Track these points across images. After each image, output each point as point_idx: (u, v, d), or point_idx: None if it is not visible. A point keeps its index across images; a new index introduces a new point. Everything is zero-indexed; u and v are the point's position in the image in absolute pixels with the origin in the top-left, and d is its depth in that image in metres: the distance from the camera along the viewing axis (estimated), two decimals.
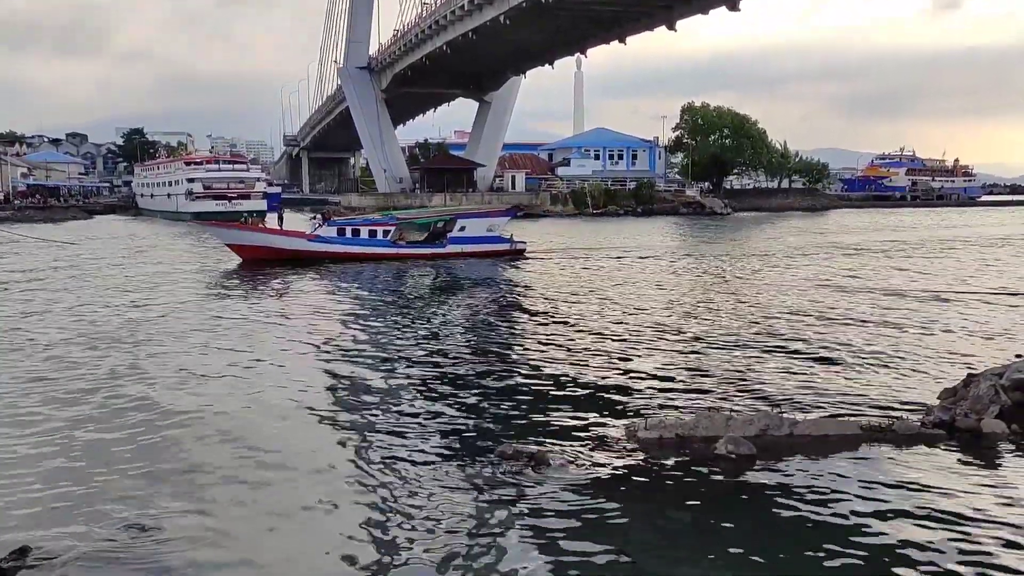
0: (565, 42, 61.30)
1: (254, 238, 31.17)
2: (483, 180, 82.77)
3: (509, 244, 33.04)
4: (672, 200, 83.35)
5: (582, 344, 14.56)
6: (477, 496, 7.30)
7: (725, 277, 25.40)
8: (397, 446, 8.80)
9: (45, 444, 8.85)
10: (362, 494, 7.44)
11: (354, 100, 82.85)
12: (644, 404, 10.40)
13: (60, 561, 6.09)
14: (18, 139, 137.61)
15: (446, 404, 10.54)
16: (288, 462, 8.35)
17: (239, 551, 6.39)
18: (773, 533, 6.63)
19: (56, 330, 15.86)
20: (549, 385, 11.59)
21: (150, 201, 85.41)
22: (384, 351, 14.22)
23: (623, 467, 8.02)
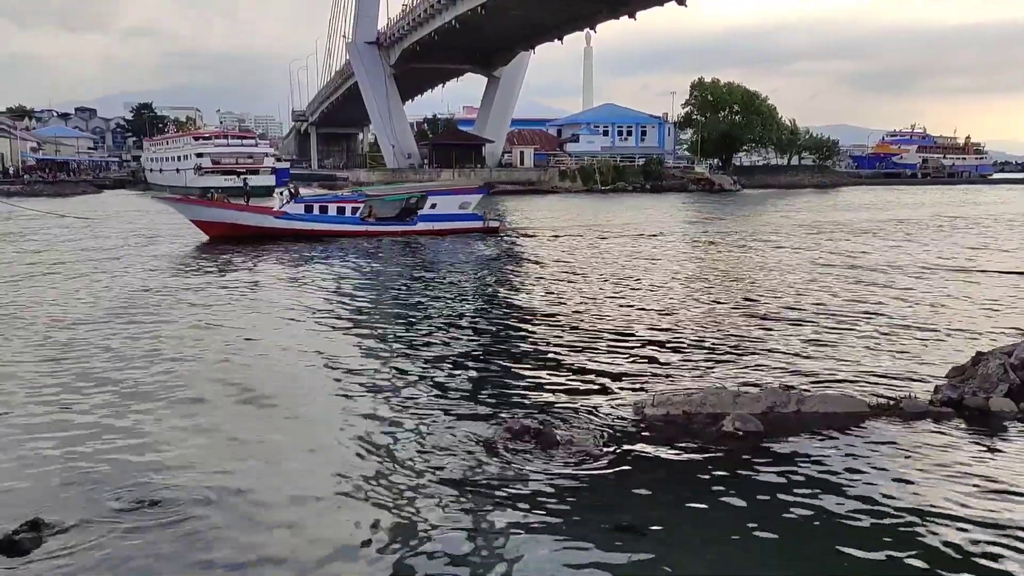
0: (575, 17, 60.84)
1: (219, 215, 30.21)
2: (492, 156, 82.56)
3: (482, 222, 32.47)
4: (681, 177, 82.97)
5: (588, 320, 14.56)
6: (482, 472, 7.34)
7: (733, 254, 25.33)
8: (401, 421, 8.83)
9: (53, 417, 8.93)
10: (365, 471, 7.47)
11: (363, 75, 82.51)
12: (651, 381, 10.42)
13: (72, 533, 6.16)
14: (27, 113, 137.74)
15: (450, 380, 10.56)
16: (293, 437, 8.41)
17: (248, 519, 6.44)
18: (780, 511, 6.65)
19: (39, 305, 15.97)
20: (555, 361, 11.60)
21: (159, 176, 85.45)
22: (381, 329, 14.23)
23: (629, 444, 8.05)
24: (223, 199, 33.09)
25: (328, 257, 25.06)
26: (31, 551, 5.89)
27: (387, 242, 29.21)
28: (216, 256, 25.01)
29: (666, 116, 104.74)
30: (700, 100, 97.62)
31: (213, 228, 29.69)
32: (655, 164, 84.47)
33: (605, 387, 10.16)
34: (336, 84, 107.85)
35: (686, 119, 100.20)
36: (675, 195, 70.76)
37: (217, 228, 29.60)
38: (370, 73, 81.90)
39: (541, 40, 71.12)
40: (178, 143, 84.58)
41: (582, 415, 8.94)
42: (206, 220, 30.01)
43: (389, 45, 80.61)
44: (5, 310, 15.38)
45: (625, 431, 8.41)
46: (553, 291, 18.15)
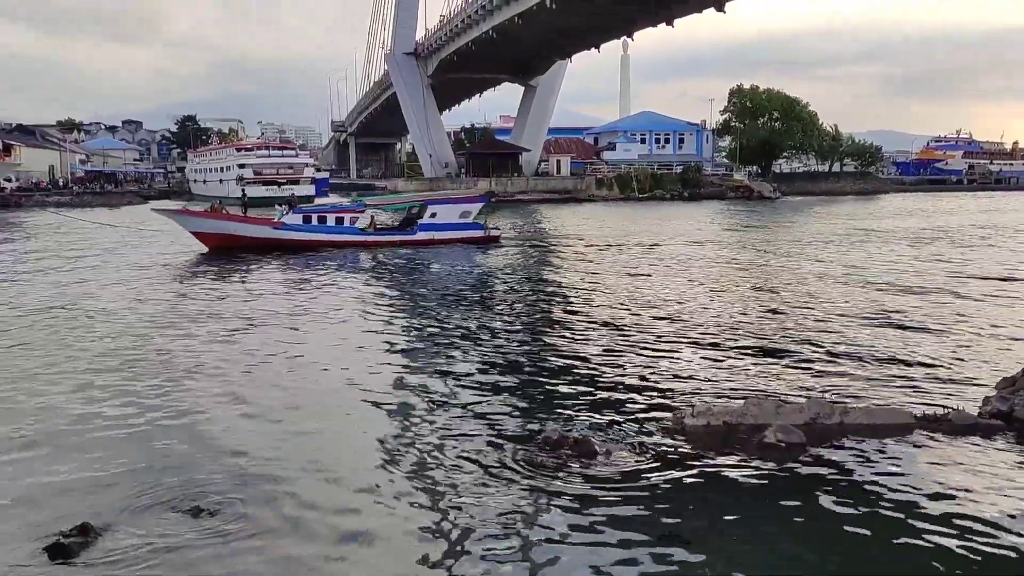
0: (612, 25, 60.74)
1: (218, 226, 30.05)
2: (528, 165, 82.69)
3: (483, 231, 32.16)
4: (720, 184, 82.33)
5: (626, 330, 14.48)
6: (520, 482, 7.33)
7: (772, 263, 25.03)
8: (439, 431, 8.86)
9: (100, 421, 9.12)
10: (402, 478, 7.51)
11: (401, 86, 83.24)
12: (690, 391, 10.33)
13: (120, 537, 6.27)
14: (76, 126, 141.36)
15: (487, 390, 10.57)
16: (332, 445, 8.48)
17: (292, 523, 6.51)
18: (823, 524, 6.55)
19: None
20: (593, 372, 11.56)
21: (202, 187, 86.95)
22: (414, 340, 14.24)
23: (669, 455, 7.98)
24: (222, 210, 32.87)
25: (340, 268, 25.00)
26: (80, 555, 6.02)
27: (402, 252, 29.01)
28: (230, 266, 25.42)
29: (704, 123, 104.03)
30: (739, 107, 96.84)
31: (212, 239, 29.55)
32: (693, 172, 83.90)
33: (644, 397, 10.10)
34: (374, 95, 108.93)
35: (724, 126, 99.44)
36: (713, 203, 70.22)
37: (216, 239, 29.45)
38: (408, 83, 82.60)
39: (578, 49, 71.08)
40: (221, 154, 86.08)
41: (621, 425, 8.88)
42: (205, 231, 29.87)
43: (427, 55, 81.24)
44: (53, 316, 15.77)
45: (665, 441, 8.34)
46: (589, 301, 18.09)
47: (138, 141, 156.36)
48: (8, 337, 13.91)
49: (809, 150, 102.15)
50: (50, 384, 10.72)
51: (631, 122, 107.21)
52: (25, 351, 12.72)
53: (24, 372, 11.40)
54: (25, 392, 10.35)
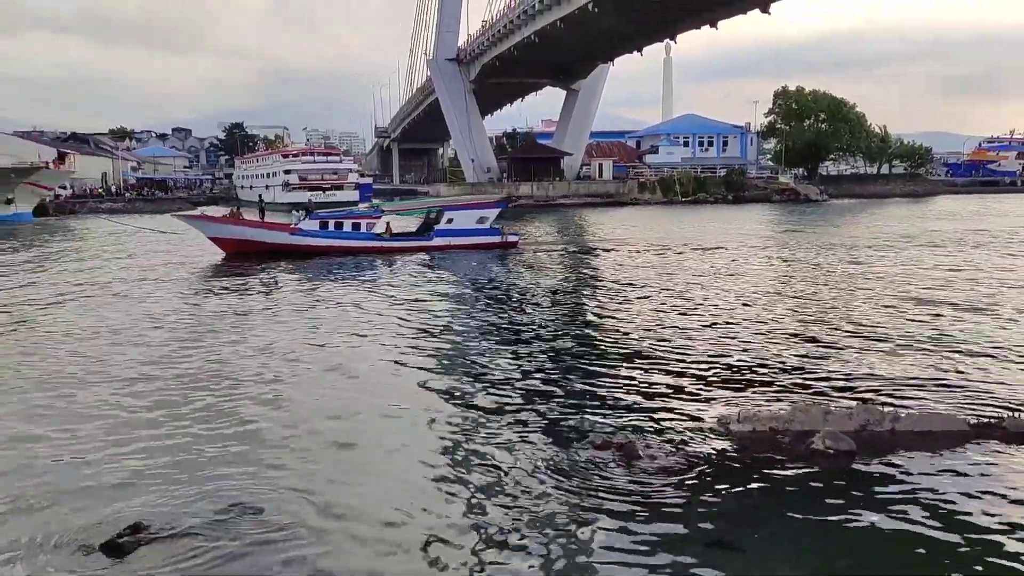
0: (654, 28, 60.43)
1: (236, 231, 30.22)
2: (570, 169, 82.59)
3: (500, 236, 31.92)
4: (764, 187, 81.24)
5: (671, 334, 14.36)
6: (563, 486, 7.31)
7: (821, 266, 24.63)
8: (482, 435, 8.88)
9: (155, 422, 9.33)
10: (443, 481, 7.56)
11: (443, 91, 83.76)
12: (736, 396, 10.21)
13: (172, 537, 6.41)
14: (128, 134, 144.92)
15: (527, 393, 10.58)
16: (373, 450, 8.55)
17: (338, 528, 6.58)
18: (873, 533, 6.43)
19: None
20: (636, 375, 11.48)
21: (249, 192, 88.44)
22: (456, 344, 14.24)
23: (715, 459, 7.90)
24: (239, 216, 32.98)
25: (357, 274, 24.93)
26: (132, 553, 6.16)
27: (419, 258, 28.93)
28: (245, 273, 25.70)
29: (748, 125, 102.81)
30: (784, 108, 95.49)
31: (229, 245, 29.80)
32: (737, 175, 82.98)
33: (688, 402, 10.01)
34: (417, 100, 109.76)
35: (770, 128, 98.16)
36: (758, 206, 69.33)
37: (233, 245, 29.69)
38: (450, 89, 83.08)
39: (620, 52, 70.83)
40: (267, 161, 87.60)
41: (665, 430, 8.82)
42: (223, 237, 30.14)
43: (469, 61, 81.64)
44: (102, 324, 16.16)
45: (710, 447, 8.26)
46: (630, 305, 17.99)
47: (187, 148, 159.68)
48: (51, 342, 14.32)
49: (857, 152, 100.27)
50: (97, 392, 10.99)
51: (674, 125, 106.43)
52: (60, 359, 13.01)
53: (73, 379, 11.70)
54: (75, 398, 10.63)
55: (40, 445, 8.67)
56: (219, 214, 34.03)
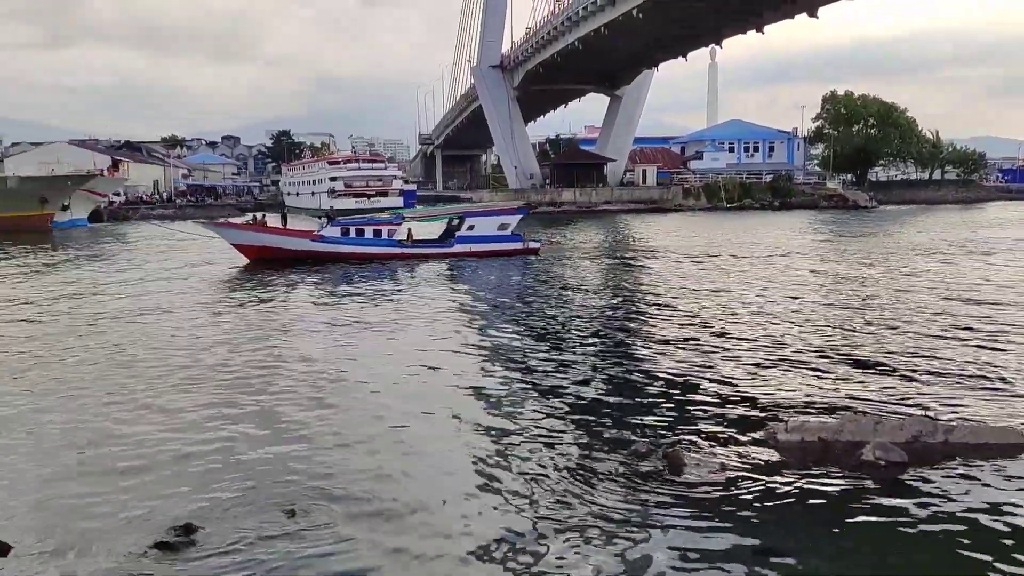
0: (700, 33, 59.99)
1: (258, 238, 30.46)
2: (613, 175, 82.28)
3: (521, 243, 31.82)
4: (812, 193, 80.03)
5: (716, 342, 14.22)
6: (608, 494, 7.29)
7: (870, 274, 24.18)
8: (526, 442, 8.87)
9: (209, 423, 9.52)
10: (487, 489, 7.56)
11: (486, 98, 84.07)
12: (784, 406, 10.07)
13: (221, 536, 6.54)
14: (179, 142, 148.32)
15: (573, 400, 10.56)
16: (417, 455, 8.58)
17: (385, 529, 6.64)
18: (925, 546, 6.29)
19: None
20: (683, 384, 11.39)
21: (295, 199, 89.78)
22: (498, 350, 14.22)
23: (762, 470, 7.80)
24: (262, 223, 33.19)
25: (380, 280, 24.87)
26: (183, 552, 6.30)
27: (440, 265, 28.83)
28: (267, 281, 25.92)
29: (795, 131, 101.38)
30: (832, 113, 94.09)
31: (252, 251, 30.00)
32: (784, 180, 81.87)
33: (734, 411, 9.90)
34: (461, 107, 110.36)
35: (817, 133, 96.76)
36: (805, 212, 68.30)
37: (256, 251, 29.88)
38: (493, 96, 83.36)
39: (665, 58, 70.40)
40: (313, 168, 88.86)
41: (711, 439, 8.73)
42: (246, 244, 30.37)
43: (512, 68, 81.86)
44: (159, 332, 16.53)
45: (757, 456, 8.16)
46: (674, 312, 17.85)
47: (236, 156, 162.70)
48: (95, 349, 14.69)
49: (907, 157, 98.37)
50: (144, 397, 11.24)
51: (719, 130, 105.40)
52: (103, 366, 13.31)
53: (120, 387, 11.98)
54: (125, 403, 10.88)
55: (94, 445, 8.91)
56: (241, 221, 34.45)
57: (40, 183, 55.06)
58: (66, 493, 7.50)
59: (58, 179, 56.47)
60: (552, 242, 38.62)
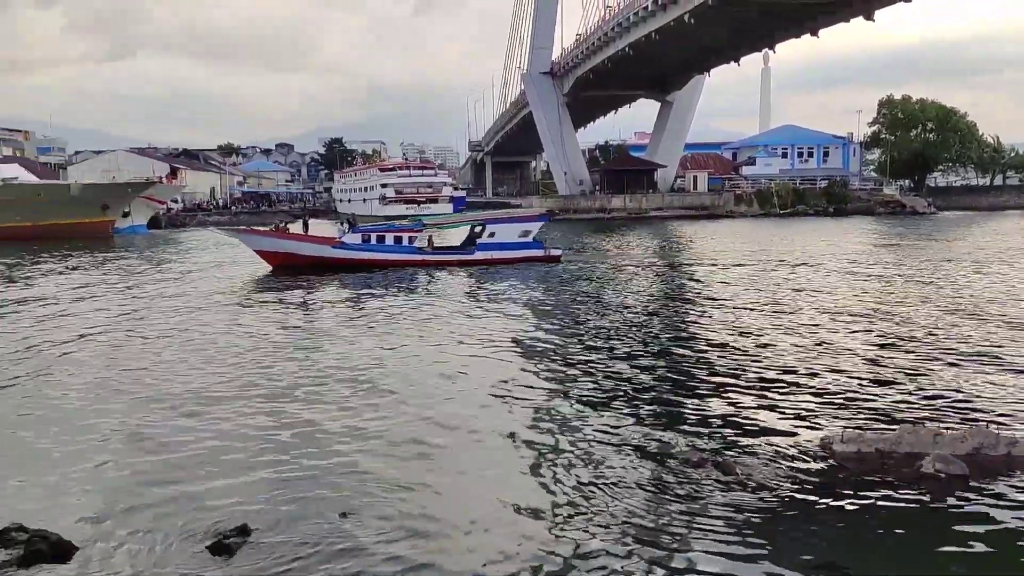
0: (752, 38, 59.25)
1: (280, 245, 30.34)
2: (664, 181, 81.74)
3: (543, 250, 31.47)
4: (868, 199, 78.43)
5: (769, 350, 14.01)
6: (657, 501, 7.22)
7: (929, 281, 23.57)
8: (576, 449, 8.85)
9: (259, 428, 9.68)
10: (534, 495, 7.56)
11: (536, 105, 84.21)
12: (840, 415, 9.88)
13: (276, 540, 6.65)
14: (235, 150, 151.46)
15: (622, 407, 10.48)
16: (465, 460, 8.62)
17: (435, 532, 6.69)
18: (986, 562, 6.11)
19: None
20: (732, 391, 11.24)
21: (347, 206, 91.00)
22: (548, 356, 14.17)
23: (816, 481, 7.66)
24: (284, 229, 33.27)
25: (401, 287, 24.75)
26: (238, 554, 6.42)
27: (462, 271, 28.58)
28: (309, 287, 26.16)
29: (851, 136, 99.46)
30: (889, 118, 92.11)
31: (274, 258, 30.04)
32: (838, 186, 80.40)
33: (788, 420, 9.74)
34: (511, 114, 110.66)
35: (873, 138, 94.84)
36: (861, 219, 66.95)
37: (278, 258, 29.92)
38: (543, 102, 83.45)
39: (717, 63, 69.69)
40: (364, 175, 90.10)
41: (763, 449, 8.60)
42: (268, 250, 30.43)
43: (562, 74, 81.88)
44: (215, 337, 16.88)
45: (811, 467, 8.02)
46: (728, 320, 17.61)
47: (289, 163, 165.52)
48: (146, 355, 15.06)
49: (967, 162, 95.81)
50: (195, 402, 11.50)
51: (772, 136, 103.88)
52: (154, 371, 13.56)
53: (170, 392, 12.26)
54: (178, 407, 11.13)
55: (148, 448, 9.14)
56: (265, 228, 34.77)
57: (102, 190, 56.70)
58: (125, 495, 7.69)
59: (119, 186, 58.10)
60: (596, 249, 38.46)
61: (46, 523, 6.77)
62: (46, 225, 51.26)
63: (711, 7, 48.89)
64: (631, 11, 60.31)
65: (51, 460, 8.70)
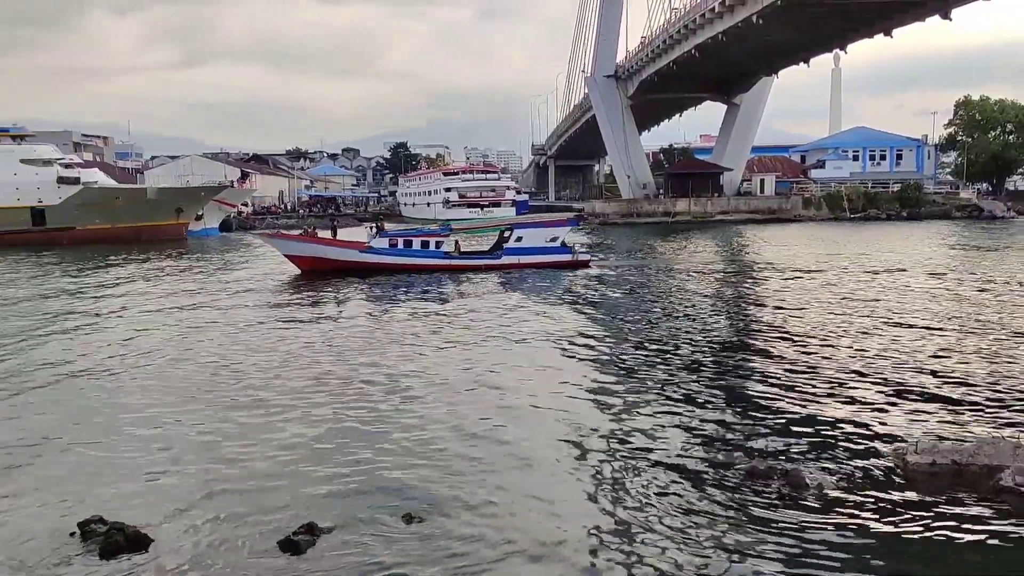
0: (823, 38, 57.91)
1: (310, 249, 30.66)
2: (729, 184, 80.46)
3: (571, 255, 31.07)
4: (943, 203, 75.84)
5: (840, 358, 13.69)
6: (722, 511, 7.12)
7: (1008, 290, 22.69)
8: (639, 452, 8.81)
9: (326, 434, 9.87)
10: (599, 503, 7.54)
11: (600, 108, 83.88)
12: (914, 426, 9.59)
13: (341, 536, 6.79)
14: (303, 155, 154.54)
15: (686, 416, 10.37)
16: (528, 466, 8.64)
17: (496, 538, 6.71)
18: None
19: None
20: (804, 400, 11.02)
21: (412, 209, 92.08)
22: (611, 354, 14.15)
23: (889, 493, 7.45)
24: (313, 233, 33.48)
25: (428, 291, 24.76)
26: (306, 551, 6.56)
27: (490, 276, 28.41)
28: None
29: (925, 138, 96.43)
30: (966, 119, 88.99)
31: (304, 262, 30.28)
32: (912, 190, 77.93)
33: (860, 430, 9.50)
34: (575, 118, 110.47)
35: (949, 140, 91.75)
36: (935, 223, 64.79)
37: (307, 262, 30.16)
38: (607, 105, 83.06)
39: (785, 64, 68.30)
40: (428, 178, 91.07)
41: (834, 460, 8.40)
42: (297, 254, 30.72)
43: (627, 77, 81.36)
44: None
45: (884, 479, 7.80)
46: (798, 329, 17.26)
47: (355, 167, 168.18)
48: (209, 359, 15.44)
49: None
50: (259, 404, 11.78)
51: (842, 138, 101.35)
52: (220, 373, 13.90)
53: (235, 394, 12.56)
54: (252, 409, 11.42)
55: (220, 448, 9.42)
56: (295, 232, 35.17)
57: (176, 194, 58.46)
58: (198, 492, 7.94)
59: (192, 190, 59.82)
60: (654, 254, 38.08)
61: (124, 517, 7.02)
62: (124, 228, 53.06)
63: (780, 7, 47.91)
64: (697, 13, 59.56)
65: (129, 458, 9.01)
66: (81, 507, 7.48)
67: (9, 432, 10.09)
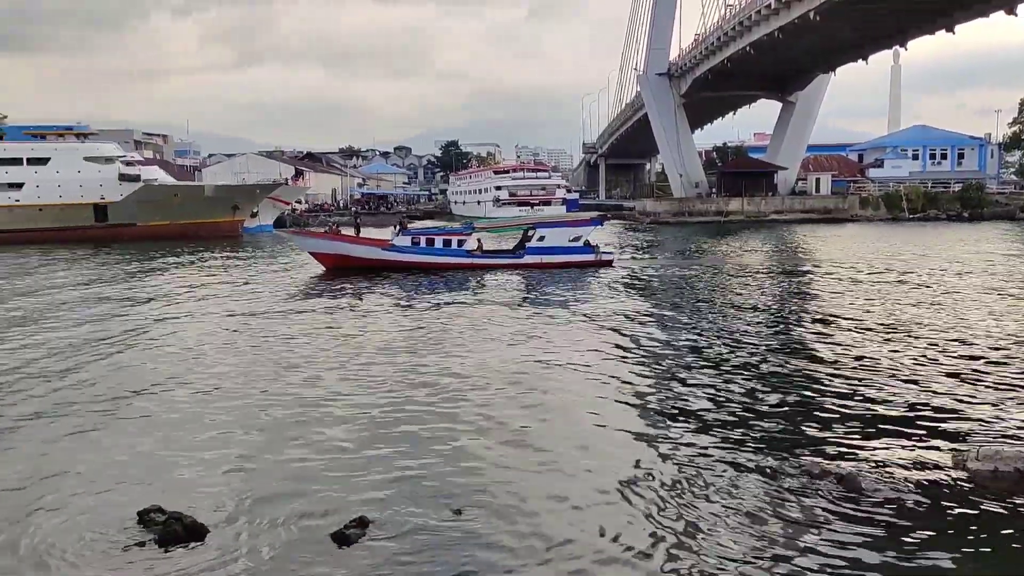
0: (882, 35, 56.60)
1: (333, 247, 30.73)
2: (784, 184, 79.13)
3: (594, 255, 30.64)
4: (1007, 203, 73.57)
5: (900, 359, 13.37)
6: (776, 518, 7.01)
7: None
8: (694, 452, 8.73)
9: (377, 432, 9.99)
10: (654, 502, 7.50)
11: (652, 106, 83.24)
12: (975, 431, 9.33)
13: (391, 530, 6.88)
14: (355, 153, 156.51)
15: (738, 417, 10.25)
16: (571, 464, 8.61)
17: (540, 545, 6.71)
18: None
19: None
20: (862, 402, 10.80)
21: (462, 207, 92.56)
22: (665, 364, 13.96)
23: (947, 499, 7.27)
24: (336, 231, 33.33)
25: (450, 289, 24.55)
26: (357, 543, 6.66)
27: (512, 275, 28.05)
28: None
29: (989, 137, 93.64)
30: None
31: (328, 260, 30.38)
32: (974, 190, 75.75)
33: (918, 435, 9.27)
34: (626, 116, 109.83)
35: (1014, 139, 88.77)
36: (999, 224, 62.85)
37: (331, 260, 30.25)
38: (659, 103, 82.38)
39: (843, 61, 66.88)
40: (479, 177, 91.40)
41: (891, 463, 8.21)
42: (321, 252, 30.80)
43: (679, 75, 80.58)
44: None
45: (943, 485, 7.61)
46: (854, 330, 16.90)
47: (407, 165, 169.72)
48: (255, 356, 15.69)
49: None
50: (308, 399, 11.95)
51: (901, 137, 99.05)
52: (272, 368, 14.17)
53: (285, 389, 12.75)
54: (307, 409, 11.60)
55: (275, 442, 9.59)
56: (319, 230, 35.32)
57: (233, 191, 59.66)
58: (254, 484, 8.11)
59: (248, 188, 60.97)
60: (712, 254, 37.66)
61: (182, 507, 7.21)
62: (183, 224, 54.34)
63: (838, 3, 46.99)
64: (752, 9, 58.68)
65: (188, 451, 9.21)
66: (139, 494, 7.69)
67: (76, 417, 10.45)
